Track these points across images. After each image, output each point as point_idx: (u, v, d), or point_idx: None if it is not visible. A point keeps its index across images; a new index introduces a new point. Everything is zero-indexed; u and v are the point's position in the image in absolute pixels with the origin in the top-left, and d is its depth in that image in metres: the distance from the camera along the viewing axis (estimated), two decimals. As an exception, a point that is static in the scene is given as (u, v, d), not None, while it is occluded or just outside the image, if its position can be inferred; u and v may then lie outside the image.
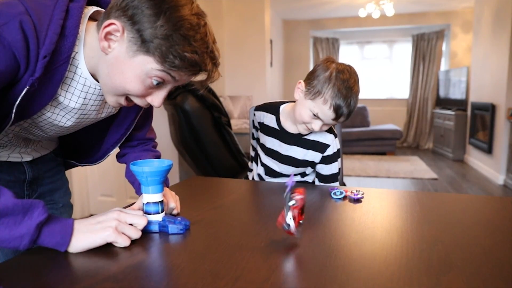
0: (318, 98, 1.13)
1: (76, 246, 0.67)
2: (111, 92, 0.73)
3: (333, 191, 1.04)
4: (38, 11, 0.65)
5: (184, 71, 0.69)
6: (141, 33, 0.65)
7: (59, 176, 1.04)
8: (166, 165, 0.79)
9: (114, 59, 0.69)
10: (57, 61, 0.68)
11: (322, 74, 1.14)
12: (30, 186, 0.95)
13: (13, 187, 0.91)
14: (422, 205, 0.98)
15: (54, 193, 1.02)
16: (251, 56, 4.31)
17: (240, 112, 4.15)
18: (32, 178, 0.94)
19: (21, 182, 0.92)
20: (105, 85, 0.73)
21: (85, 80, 0.75)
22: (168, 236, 0.76)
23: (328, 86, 1.11)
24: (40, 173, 0.97)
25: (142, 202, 0.83)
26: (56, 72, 0.69)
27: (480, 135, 4.99)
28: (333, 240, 0.74)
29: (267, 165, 1.35)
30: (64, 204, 1.06)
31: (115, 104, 0.76)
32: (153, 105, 0.75)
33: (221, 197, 1.05)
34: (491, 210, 0.95)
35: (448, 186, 4.27)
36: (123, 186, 3.17)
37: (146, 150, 1.02)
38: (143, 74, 0.68)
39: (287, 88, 7.40)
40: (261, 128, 1.35)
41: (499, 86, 4.36)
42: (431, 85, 7.02)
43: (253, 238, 0.75)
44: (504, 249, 0.70)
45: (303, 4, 6.08)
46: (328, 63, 1.17)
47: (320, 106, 1.13)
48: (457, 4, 6.21)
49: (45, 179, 0.99)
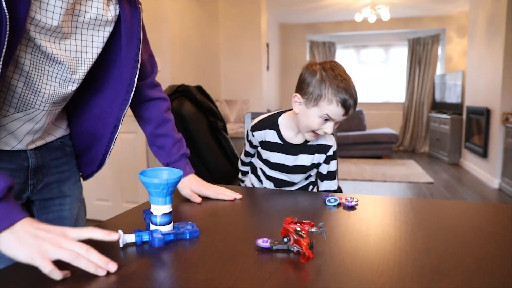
0: (321, 101, 1.13)
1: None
2: None
3: (328, 198, 1.04)
4: None
5: None
6: None
7: (67, 166, 1.01)
8: (177, 176, 0.78)
9: None
10: None
11: (313, 78, 1.14)
12: (35, 174, 0.91)
13: (17, 176, 0.87)
14: (415, 212, 0.98)
15: (63, 184, 0.99)
16: (247, 60, 4.32)
17: (237, 116, 4.15)
18: (36, 165, 0.91)
19: (24, 170, 0.88)
20: None
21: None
22: (161, 245, 0.76)
23: (326, 86, 1.12)
24: (45, 161, 0.93)
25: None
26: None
27: (476, 139, 5.02)
28: (327, 248, 0.74)
29: (275, 177, 1.34)
30: (74, 198, 1.02)
31: None
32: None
33: (215, 204, 1.05)
34: (484, 217, 0.95)
35: (444, 190, 4.28)
36: (119, 190, 3.16)
37: (168, 109, 1.10)
38: None
39: (284, 92, 7.42)
40: (263, 146, 1.32)
41: (493, 90, 4.39)
42: (427, 89, 7.06)
43: (247, 246, 0.75)
44: (495, 258, 0.70)
45: (299, 8, 6.10)
46: (311, 67, 1.18)
47: (326, 107, 1.13)
48: (452, 9, 6.26)
49: (51, 168, 0.95)
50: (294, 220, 0.74)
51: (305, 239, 0.69)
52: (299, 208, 1.02)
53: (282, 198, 1.15)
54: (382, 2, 5.52)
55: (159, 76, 2.98)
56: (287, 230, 0.72)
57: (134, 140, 3.06)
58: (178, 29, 3.26)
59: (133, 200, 3.11)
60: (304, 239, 0.69)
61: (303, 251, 0.68)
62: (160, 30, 3.08)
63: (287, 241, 0.72)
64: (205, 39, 3.89)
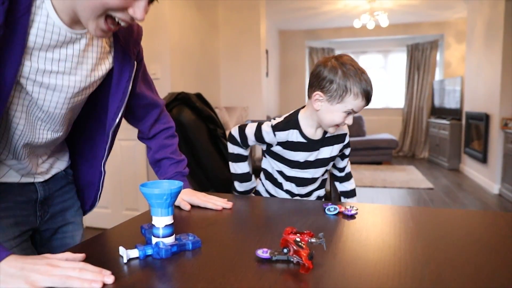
0: (347, 97, 1.18)
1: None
2: (91, 15, 0.71)
3: (327, 207, 1.04)
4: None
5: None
6: None
7: (69, 195, 1.04)
8: (177, 186, 0.78)
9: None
10: (17, 10, 0.67)
11: (336, 75, 1.18)
12: (42, 206, 0.95)
13: (25, 208, 0.90)
14: (415, 220, 0.98)
15: (66, 212, 1.02)
16: (247, 66, 4.34)
17: (236, 123, 4.16)
18: (43, 197, 0.94)
19: (32, 202, 0.92)
20: (84, 10, 0.71)
21: (59, 29, 0.74)
22: (168, 255, 0.76)
23: (350, 82, 1.17)
24: (52, 193, 0.97)
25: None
26: (19, 23, 0.68)
27: (475, 145, 5.03)
28: (327, 258, 0.74)
29: (296, 177, 1.34)
30: (76, 224, 1.05)
31: (98, 33, 0.74)
32: (136, 18, 0.73)
33: (215, 214, 1.05)
34: (483, 225, 0.96)
35: (443, 196, 4.28)
36: (118, 197, 3.16)
37: (169, 136, 1.14)
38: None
39: (283, 98, 7.44)
40: (284, 146, 1.31)
41: (492, 96, 4.40)
42: (426, 94, 7.08)
43: (247, 257, 0.75)
44: (494, 267, 0.71)
45: (298, 15, 6.14)
46: (329, 63, 1.20)
47: (352, 102, 1.19)
48: (450, 15, 6.29)
49: (55, 199, 0.99)
50: (294, 230, 0.74)
51: (305, 249, 0.69)
52: (299, 217, 1.02)
53: (282, 207, 1.15)
54: (380, 9, 5.56)
55: (159, 84, 3.00)
56: (286, 240, 0.72)
57: (134, 147, 3.06)
58: (178, 37, 3.28)
59: (133, 208, 3.11)
60: (304, 249, 0.69)
61: (302, 262, 0.68)
62: (160, 37, 3.10)
63: (287, 252, 0.72)
64: (205, 46, 3.91)
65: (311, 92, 1.24)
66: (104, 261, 0.73)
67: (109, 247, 0.82)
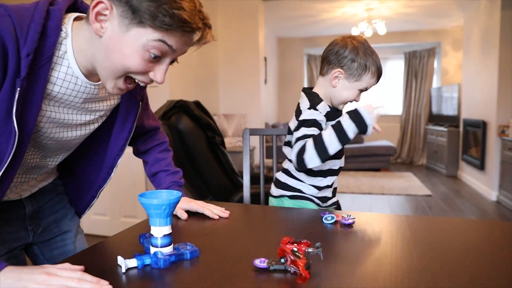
0: (365, 75, 1.26)
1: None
2: (111, 75, 0.73)
3: (325, 216, 1.05)
4: (19, 13, 0.67)
5: (176, 31, 0.69)
6: (129, 3, 0.67)
7: (61, 205, 1.04)
8: (176, 196, 0.79)
9: (109, 39, 0.70)
10: (40, 61, 0.69)
11: (357, 55, 1.24)
12: (32, 220, 0.95)
13: (15, 224, 0.91)
14: (412, 229, 0.99)
15: (60, 222, 1.03)
16: (245, 73, 4.36)
17: (235, 130, 4.17)
18: (32, 212, 0.94)
19: (21, 218, 0.92)
20: (104, 69, 0.73)
21: (77, 79, 0.77)
22: (166, 265, 0.76)
23: (370, 61, 1.25)
24: (40, 205, 0.97)
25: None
26: (40, 72, 0.70)
27: (473, 152, 5.05)
28: (324, 268, 0.75)
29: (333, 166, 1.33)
30: (74, 231, 1.06)
31: (115, 91, 0.76)
32: (156, 81, 0.76)
33: (212, 223, 1.05)
34: (479, 234, 0.96)
35: (441, 203, 4.29)
36: (117, 204, 3.15)
37: (163, 151, 1.16)
38: (140, 47, 0.70)
39: (282, 104, 7.46)
40: (328, 117, 1.29)
41: (489, 103, 4.43)
42: (424, 101, 7.12)
43: (244, 266, 0.75)
44: (490, 276, 0.71)
45: (297, 23, 6.18)
46: (349, 42, 1.26)
47: (367, 80, 1.27)
48: (447, 23, 6.35)
49: (46, 211, 0.99)
50: (291, 240, 0.75)
51: (302, 259, 0.69)
52: (297, 226, 1.03)
53: (279, 216, 1.16)
54: (378, 17, 5.60)
55: (157, 91, 3.01)
56: (284, 250, 0.73)
57: (132, 155, 3.06)
58: (176, 45, 3.29)
59: (131, 215, 3.10)
60: (301, 259, 0.69)
61: (300, 272, 0.68)
62: (159, 45, 3.11)
63: (284, 262, 0.72)
64: (203, 54, 3.93)
65: (329, 69, 1.28)
66: (102, 271, 0.73)
67: (108, 257, 0.82)
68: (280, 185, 1.37)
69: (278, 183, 1.38)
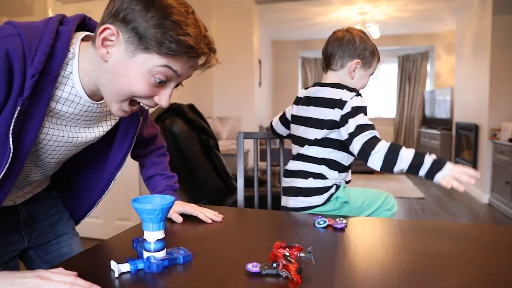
0: (374, 61, 1.37)
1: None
2: (116, 99, 0.74)
3: (317, 220, 1.06)
4: (29, 33, 0.67)
5: (182, 56, 0.70)
6: (136, 30, 0.68)
7: (55, 210, 1.05)
8: (169, 201, 0.79)
9: (115, 64, 0.71)
10: (44, 81, 0.70)
11: (366, 43, 1.34)
12: (26, 225, 0.95)
13: (9, 229, 0.91)
14: (403, 233, 1.00)
15: (55, 227, 1.03)
16: (240, 76, 4.36)
17: (229, 133, 4.18)
18: (26, 217, 0.94)
19: (15, 222, 0.93)
20: (110, 93, 0.74)
21: (80, 99, 0.78)
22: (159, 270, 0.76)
23: (374, 47, 1.36)
24: (35, 211, 0.97)
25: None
26: (44, 92, 0.71)
27: (465, 154, 5.09)
28: (315, 272, 0.76)
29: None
30: (69, 234, 1.06)
31: (119, 113, 0.77)
32: (161, 105, 0.77)
33: (205, 227, 1.06)
34: (468, 238, 0.98)
35: (434, 206, 4.32)
36: (110, 207, 3.14)
37: (160, 155, 1.16)
38: (146, 72, 0.70)
39: (276, 107, 7.47)
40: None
41: (481, 107, 4.48)
42: (417, 104, 7.17)
43: (237, 271, 0.76)
44: (479, 281, 0.72)
45: (291, 26, 6.21)
46: (354, 33, 1.34)
47: (375, 65, 1.38)
48: (440, 27, 6.41)
49: (40, 216, 0.99)
50: (283, 244, 0.75)
51: (294, 264, 0.70)
52: (289, 230, 1.04)
53: (272, 220, 1.16)
54: (372, 20, 5.65)
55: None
56: (276, 255, 0.73)
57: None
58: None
59: (125, 218, 3.10)
60: (293, 264, 0.70)
61: (291, 276, 0.69)
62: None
63: (276, 266, 0.73)
64: (198, 57, 3.93)
65: (344, 62, 1.33)
66: (95, 275, 0.73)
67: (101, 261, 0.83)
68: (319, 192, 1.31)
69: (316, 191, 1.31)
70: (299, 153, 1.37)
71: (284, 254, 0.72)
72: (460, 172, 1.05)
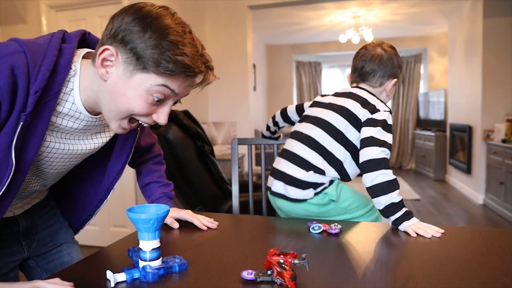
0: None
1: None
2: (115, 117, 0.76)
3: (312, 225, 1.06)
4: (33, 50, 0.69)
5: (179, 75, 0.71)
6: (134, 50, 0.69)
7: (54, 220, 1.05)
8: (164, 210, 0.80)
9: (114, 84, 0.72)
10: (46, 96, 0.71)
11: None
12: (26, 235, 0.96)
13: (9, 240, 0.92)
14: (397, 237, 1.01)
15: (55, 236, 1.04)
16: (234, 81, 4.37)
17: (224, 138, 4.18)
18: (25, 227, 0.95)
19: (15, 233, 0.93)
20: (109, 111, 0.75)
21: (80, 114, 0.79)
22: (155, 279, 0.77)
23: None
24: (34, 221, 0.98)
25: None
26: (46, 107, 0.72)
27: (460, 156, 5.13)
28: (310, 279, 0.76)
29: None
30: (69, 243, 1.07)
31: (118, 130, 0.79)
32: (159, 122, 0.78)
33: (201, 235, 1.06)
34: (461, 242, 0.99)
35: (430, 207, 4.34)
36: (106, 214, 3.13)
37: (157, 163, 1.17)
38: (144, 91, 0.72)
39: (271, 112, 7.49)
40: None
41: (474, 108, 4.52)
42: (412, 106, 7.22)
43: (232, 278, 0.76)
44: (471, 285, 0.73)
45: (285, 30, 6.24)
46: (388, 50, 1.38)
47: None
48: (433, 30, 6.47)
49: (39, 226, 1.00)
50: (278, 251, 0.76)
51: (288, 271, 0.71)
52: (284, 237, 1.04)
53: (267, 226, 1.17)
54: (365, 24, 5.69)
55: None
56: (270, 262, 0.74)
57: (121, 164, 3.05)
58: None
59: (121, 225, 3.09)
60: (287, 271, 0.71)
61: (286, 283, 0.70)
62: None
63: (270, 274, 0.74)
64: (192, 62, 3.94)
65: (384, 80, 1.38)
66: (92, 285, 0.74)
67: (97, 271, 0.83)
68: (314, 186, 1.32)
69: (312, 185, 1.31)
70: (309, 135, 1.34)
71: (279, 261, 0.73)
72: (424, 226, 1.06)
